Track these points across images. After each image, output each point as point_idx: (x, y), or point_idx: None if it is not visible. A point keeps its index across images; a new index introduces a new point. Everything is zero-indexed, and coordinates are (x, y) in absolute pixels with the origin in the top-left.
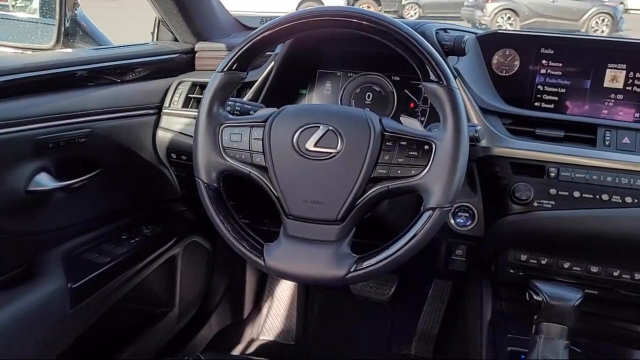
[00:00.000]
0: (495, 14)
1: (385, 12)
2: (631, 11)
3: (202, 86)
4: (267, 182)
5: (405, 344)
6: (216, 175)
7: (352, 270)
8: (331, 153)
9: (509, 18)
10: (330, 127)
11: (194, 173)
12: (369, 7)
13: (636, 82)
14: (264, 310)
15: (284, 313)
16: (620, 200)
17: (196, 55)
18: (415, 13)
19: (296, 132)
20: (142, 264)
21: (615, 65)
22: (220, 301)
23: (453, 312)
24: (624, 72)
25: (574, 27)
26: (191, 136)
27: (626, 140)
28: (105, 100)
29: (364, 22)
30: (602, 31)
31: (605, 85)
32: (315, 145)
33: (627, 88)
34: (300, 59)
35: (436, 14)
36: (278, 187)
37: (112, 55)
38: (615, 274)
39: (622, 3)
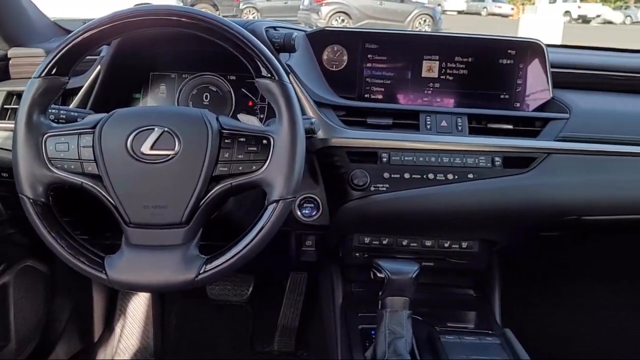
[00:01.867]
0: (330, 16)
1: (224, 16)
2: (448, 12)
3: (20, 95)
4: (102, 191)
5: (267, 341)
6: (43, 190)
7: (201, 271)
8: (169, 155)
9: (343, 20)
10: (166, 129)
11: (17, 190)
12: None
13: (448, 71)
14: (117, 329)
15: (140, 329)
16: (443, 178)
17: (10, 62)
18: (253, 17)
19: (129, 136)
20: None
21: (429, 57)
22: (65, 327)
23: (310, 302)
24: (438, 62)
25: (401, 27)
26: (10, 150)
27: (444, 123)
28: None
29: (184, 20)
30: (425, 30)
31: (423, 75)
32: (152, 148)
33: (442, 77)
34: (130, 62)
35: (274, 17)
36: (115, 195)
37: None
38: (446, 245)
39: (439, 5)
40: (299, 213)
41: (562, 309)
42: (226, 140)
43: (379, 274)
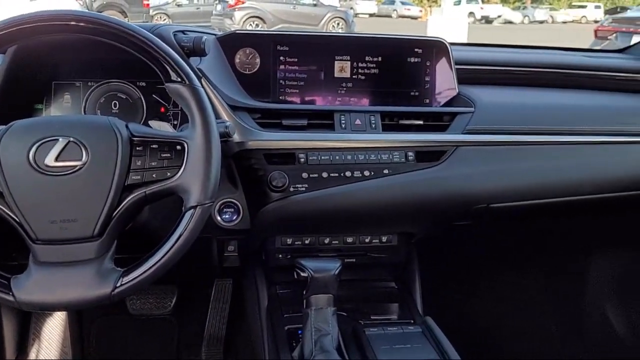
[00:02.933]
0: (244, 21)
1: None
2: (360, 15)
3: None
4: (3, 209)
5: (194, 352)
6: None
7: (118, 285)
8: (76, 166)
9: (257, 25)
10: (71, 139)
11: None
12: None
13: (360, 70)
14: (32, 354)
15: (57, 352)
16: (360, 175)
17: None
18: (164, 23)
19: (31, 148)
20: None
21: (341, 57)
22: None
23: (237, 308)
24: (349, 62)
25: (316, 30)
26: None
27: (358, 122)
28: None
29: (83, 24)
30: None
31: (335, 75)
32: (57, 159)
33: (354, 76)
34: (29, 71)
35: (187, 23)
36: (18, 212)
37: None
38: (367, 240)
39: (352, 8)
40: (218, 218)
41: (479, 295)
42: (137, 148)
43: (302, 274)
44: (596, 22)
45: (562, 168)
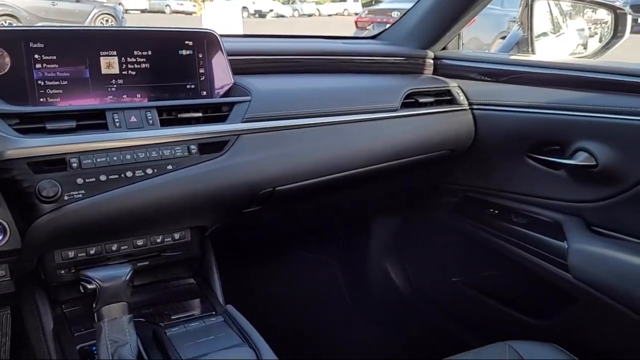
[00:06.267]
0: None
1: None
2: (130, 11)
3: None
4: None
5: None
6: None
7: None
8: None
9: (10, 24)
10: None
11: None
12: None
13: (129, 66)
14: None
15: None
16: (142, 174)
17: None
18: None
19: None
20: None
21: (107, 53)
22: None
23: (19, 340)
24: (117, 58)
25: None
26: None
27: (133, 119)
28: None
29: None
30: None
31: (103, 72)
32: None
33: (124, 72)
34: None
35: None
36: None
37: None
38: (158, 240)
39: (120, 4)
40: None
41: (277, 275)
42: None
43: (89, 286)
44: (356, 14)
45: (331, 146)
